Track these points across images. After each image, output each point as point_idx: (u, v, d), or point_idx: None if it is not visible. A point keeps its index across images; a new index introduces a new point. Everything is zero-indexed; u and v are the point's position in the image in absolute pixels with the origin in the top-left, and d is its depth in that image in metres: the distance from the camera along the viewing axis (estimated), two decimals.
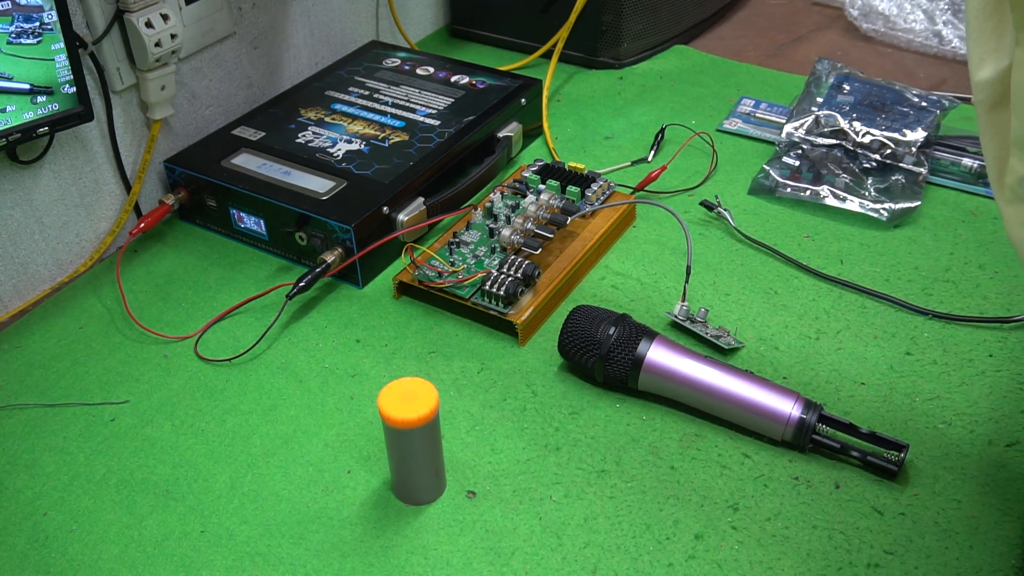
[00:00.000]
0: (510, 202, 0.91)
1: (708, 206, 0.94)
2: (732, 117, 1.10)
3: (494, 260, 0.85)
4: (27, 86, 0.79)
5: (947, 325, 0.80)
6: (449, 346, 0.81)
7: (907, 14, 1.25)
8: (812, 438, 0.69)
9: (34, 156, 0.85)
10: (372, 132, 0.98)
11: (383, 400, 0.63)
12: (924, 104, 0.99)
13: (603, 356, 0.73)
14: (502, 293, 0.79)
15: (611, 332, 0.73)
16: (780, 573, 0.62)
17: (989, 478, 0.67)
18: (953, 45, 1.21)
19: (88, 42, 0.86)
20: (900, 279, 0.85)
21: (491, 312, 0.80)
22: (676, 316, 0.80)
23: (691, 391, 0.72)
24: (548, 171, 0.95)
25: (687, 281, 0.81)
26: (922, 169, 0.94)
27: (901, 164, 0.94)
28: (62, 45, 0.80)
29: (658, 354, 0.72)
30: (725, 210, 0.93)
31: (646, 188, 0.98)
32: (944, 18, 1.24)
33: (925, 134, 0.95)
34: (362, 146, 0.96)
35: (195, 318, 0.86)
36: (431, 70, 1.10)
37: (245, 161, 0.94)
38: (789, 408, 0.69)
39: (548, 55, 1.19)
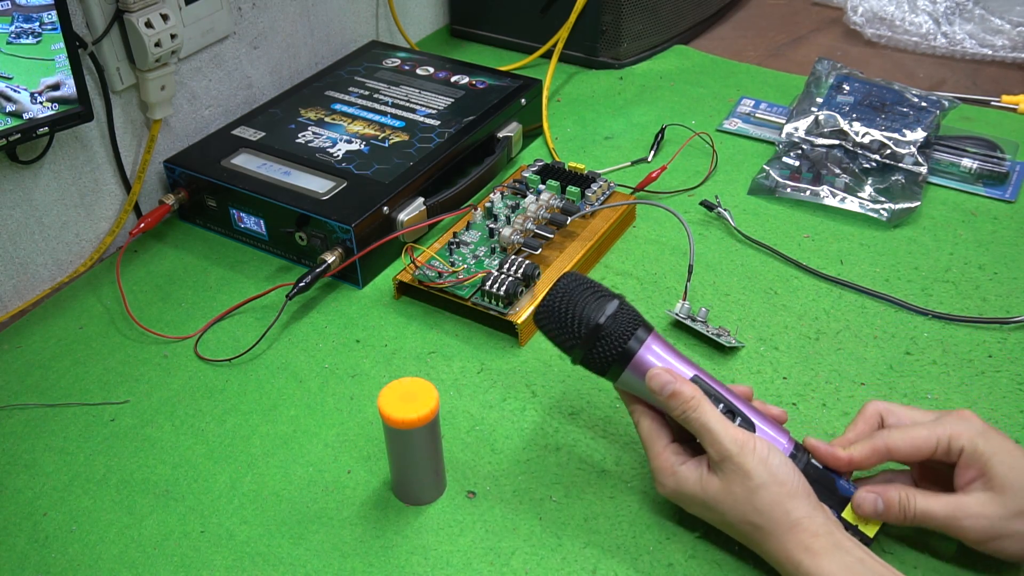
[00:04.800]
0: (510, 202, 0.91)
1: (708, 206, 0.94)
2: (732, 117, 1.10)
3: (494, 260, 0.85)
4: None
5: (947, 325, 0.80)
6: (449, 346, 0.81)
7: (906, 14, 1.25)
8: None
9: (34, 156, 0.85)
10: (372, 132, 0.98)
11: (383, 400, 0.63)
12: (924, 104, 0.99)
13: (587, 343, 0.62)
14: (502, 293, 0.79)
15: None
16: None
17: None
18: (955, 46, 1.21)
19: (88, 42, 0.86)
20: (900, 279, 0.85)
21: (491, 312, 0.80)
22: (677, 314, 0.80)
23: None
24: (548, 171, 0.95)
25: (689, 279, 0.81)
26: (922, 169, 0.94)
27: (901, 164, 0.94)
28: (62, 45, 0.80)
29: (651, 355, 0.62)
30: (725, 210, 0.93)
31: (646, 188, 0.98)
32: (946, 18, 1.24)
33: (925, 134, 0.95)
34: (362, 146, 0.96)
35: (195, 318, 0.86)
36: (431, 70, 1.10)
37: (245, 161, 0.94)
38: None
39: (548, 55, 1.19)
